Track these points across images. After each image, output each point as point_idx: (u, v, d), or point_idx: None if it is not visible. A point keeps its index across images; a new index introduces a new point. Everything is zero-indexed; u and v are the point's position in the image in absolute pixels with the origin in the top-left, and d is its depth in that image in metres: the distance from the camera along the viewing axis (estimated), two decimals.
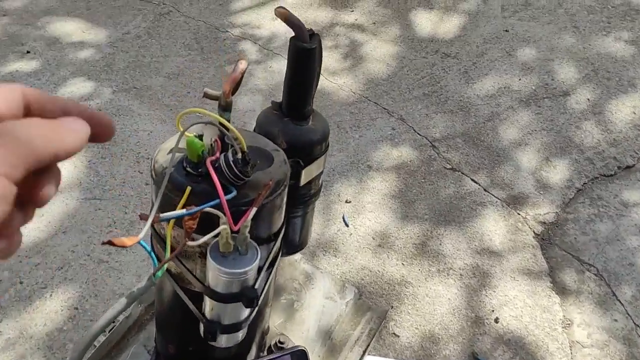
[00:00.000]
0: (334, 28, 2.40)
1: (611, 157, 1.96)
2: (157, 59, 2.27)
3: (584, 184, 1.89)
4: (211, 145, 0.93)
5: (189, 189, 0.91)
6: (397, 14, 2.45)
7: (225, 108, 0.95)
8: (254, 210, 0.90)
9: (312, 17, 2.46)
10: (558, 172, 1.92)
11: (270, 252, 1.07)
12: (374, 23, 2.42)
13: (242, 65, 0.93)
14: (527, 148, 1.98)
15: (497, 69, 2.22)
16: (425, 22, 2.41)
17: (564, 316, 1.58)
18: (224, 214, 0.87)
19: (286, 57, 2.41)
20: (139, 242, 0.75)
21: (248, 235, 0.92)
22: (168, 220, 0.90)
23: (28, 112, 0.30)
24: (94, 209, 1.74)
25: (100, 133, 0.31)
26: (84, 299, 1.53)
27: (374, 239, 1.73)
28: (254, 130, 1.19)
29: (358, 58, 2.28)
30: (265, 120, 1.18)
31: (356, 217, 1.78)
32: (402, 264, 1.67)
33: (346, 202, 1.81)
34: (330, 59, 2.24)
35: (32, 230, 1.67)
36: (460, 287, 1.62)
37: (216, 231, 0.90)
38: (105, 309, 1.51)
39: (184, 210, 0.86)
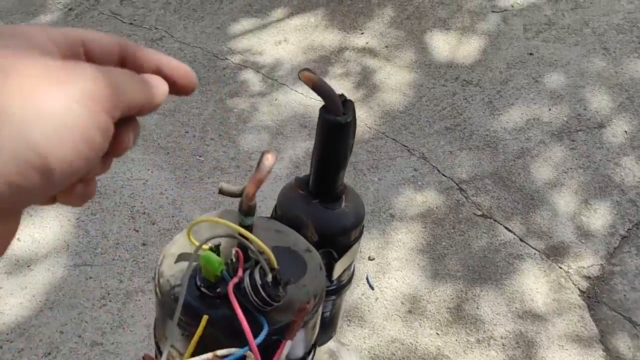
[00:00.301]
0: (343, 53, 2.20)
1: None
2: None
3: (629, 229, 1.72)
4: (231, 260, 0.73)
5: (205, 318, 0.70)
6: (411, 36, 2.26)
7: (248, 212, 0.74)
8: (288, 344, 0.70)
9: (319, 40, 2.25)
10: (599, 217, 1.74)
11: None
12: (387, 47, 2.22)
13: (269, 161, 0.71)
14: (563, 189, 1.80)
15: (524, 97, 2.04)
16: (442, 44, 2.22)
17: None
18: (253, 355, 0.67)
19: (293, 87, 2.12)
20: None
21: None
22: None
23: (122, 63, 0.31)
24: (85, 278, 1.53)
25: (181, 90, 0.32)
26: None
27: (403, 303, 1.54)
28: (274, 212, 0.98)
29: (371, 87, 2.08)
30: (289, 203, 0.96)
31: (381, 277, 1.59)
32: (437, 333, 1.49)
33: (369, 259, 1.62)
34: (341, 89, 2.04)
35: (14, 306, 1.46)
36: None
37: None
38: None
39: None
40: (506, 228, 1.71)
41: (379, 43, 2.23)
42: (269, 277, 0.65)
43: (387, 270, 1.60)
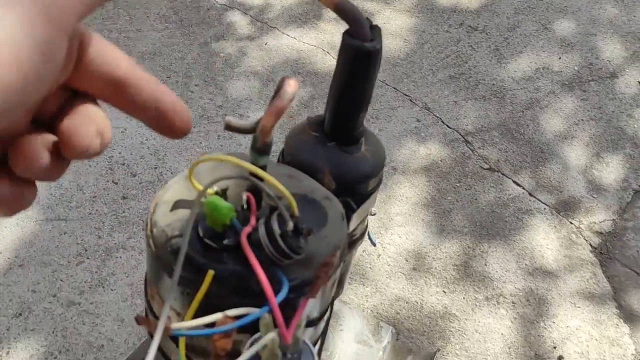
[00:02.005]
0: None
1: None
2: (127, 34, 1.87)
3: None
4: (241, 207, 0.61)
5: (210, 273, 0.59)
6: None
7: (263, 150, 0.61)
8: (310, 303, 0.60)
9: None
10: (611, 171, 1.65)
11: (321, 331, 0.76)
12: None
13: (292, 87, 0.58)
14: (574, 142, 1.70)
15: (533, 45, 1.91)
16: None
17: (636, 350, 1.33)
18: (273, 320, 0.56)
19: (284, 30, 1.92)
20: None
21: (301, 337, 0.59)
22: (185, 336, 0.59)
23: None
24: (59, 233, 1.38)
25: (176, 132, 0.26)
26: (52, 356, 1.20)
27: (407, 260, 1.43)
28: (281, 158, 0.85)
29: None
30: (301, 146, 0.83)
31: (384, 232, 1.48)
32: (444, 291, 1.39)
33: (370, 214, 1.50)
34: (337, 35, 1.88)
35: None
36: (514, 318, 1.36)
37: (259, 345, 0.58)
38: None
39: (211, 322, 0.55)
40: (515, 182, 1.60)
41: None
42: (290, 226, 0.54)
43: (389, 226, 1.49)
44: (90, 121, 0.23)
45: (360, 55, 0.70)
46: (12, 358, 1.19)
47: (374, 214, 1.56)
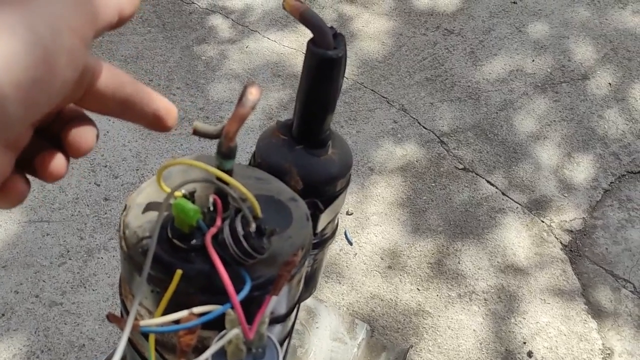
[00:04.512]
0: None
1: (638, 152, 1.75)
2: (110, 38, 1.90)
3: (611, 183, 1.68)
4: (208, 209, 0.64)
5: (179, 273, 0.62)
6: None
7: (228, 155, 0.65)
8: (273, 300, 0.63)
9: None
10: (582, 170, 1.70)
11: (289, 328, 0.79)
12: None
13: (253, 95, 0.62)
14: (546, 142, 1.75)
15: (507, 48, 1.96)
16: None
17: (603, 345, 1.38)
18: (237, 317, 0.59)
19: (265, 34, 1.97)
20: None
21: (265, 333, 0.63)
22: (152, 333, 0.62)
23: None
24: (41, 235, 1.41)
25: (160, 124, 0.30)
26: (34, 355, 1.23)
27: (382, 259, 1.47)
28: (253, 160, 0.88)
29: (349, 35, 1.97)
30: (270, 149, 0.86)
31: (360, 232, 1.52)
32: (418, 289, 1.43)
33: (347, 214, 1.54)
34: None
35: None
36: (486, 314, 1.40)
37: (224, 340, 0.62)
38: None
39: (177, 319, 0.58)
40: (488, 182, 1.65)
41: None
42: (252, 227, 0.57)
43: (366, 225, 1.53)
44: (91, 128, 0.28)
45: (323, 63, 0.74)
46: None
47: (350, 214, 1.61)
